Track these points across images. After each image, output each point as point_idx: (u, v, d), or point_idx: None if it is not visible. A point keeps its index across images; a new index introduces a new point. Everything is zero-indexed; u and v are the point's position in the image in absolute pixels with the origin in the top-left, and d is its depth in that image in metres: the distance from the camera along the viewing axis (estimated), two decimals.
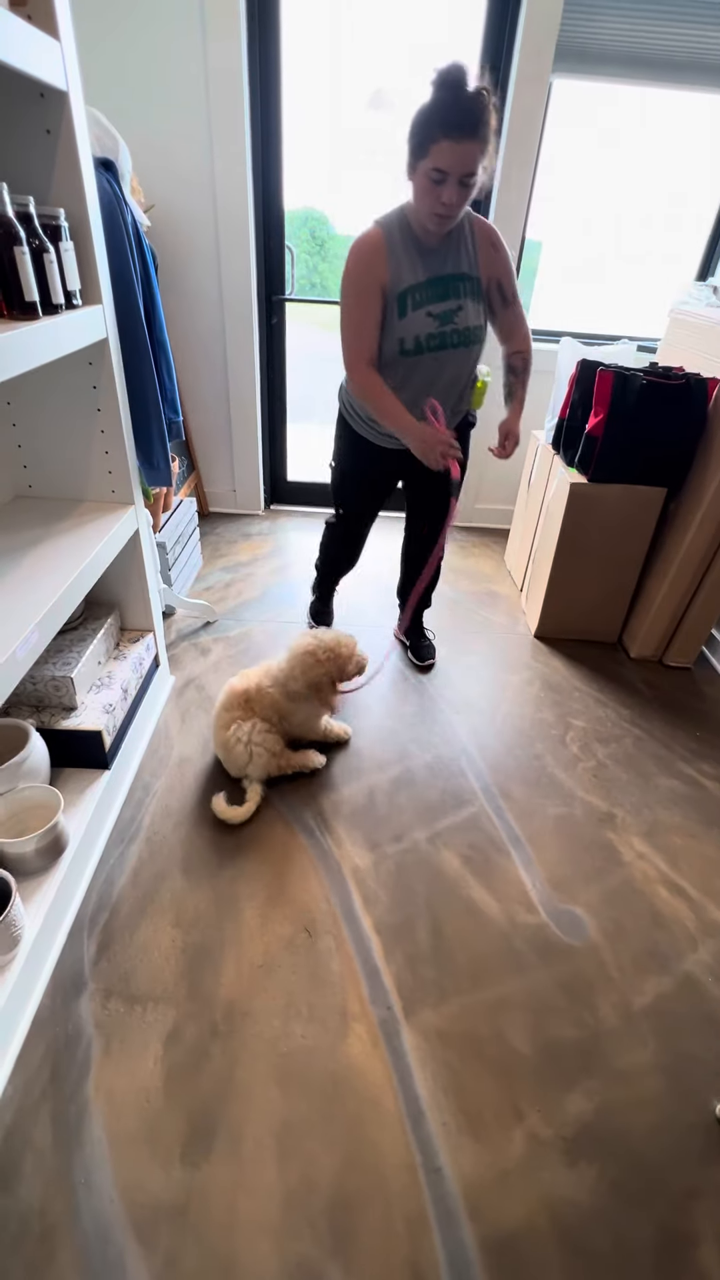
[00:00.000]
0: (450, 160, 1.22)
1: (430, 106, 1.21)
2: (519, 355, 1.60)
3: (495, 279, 1.49)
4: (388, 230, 1.39)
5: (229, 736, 1.52)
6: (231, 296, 2.51)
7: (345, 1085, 1.05)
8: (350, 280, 1.41)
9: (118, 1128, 0.98)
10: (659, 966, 1.26)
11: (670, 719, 1.93)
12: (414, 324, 1.44)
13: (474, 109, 1.19)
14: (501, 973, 1.23)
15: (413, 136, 1.26)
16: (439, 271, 1.42)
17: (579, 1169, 0.98)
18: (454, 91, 1.19)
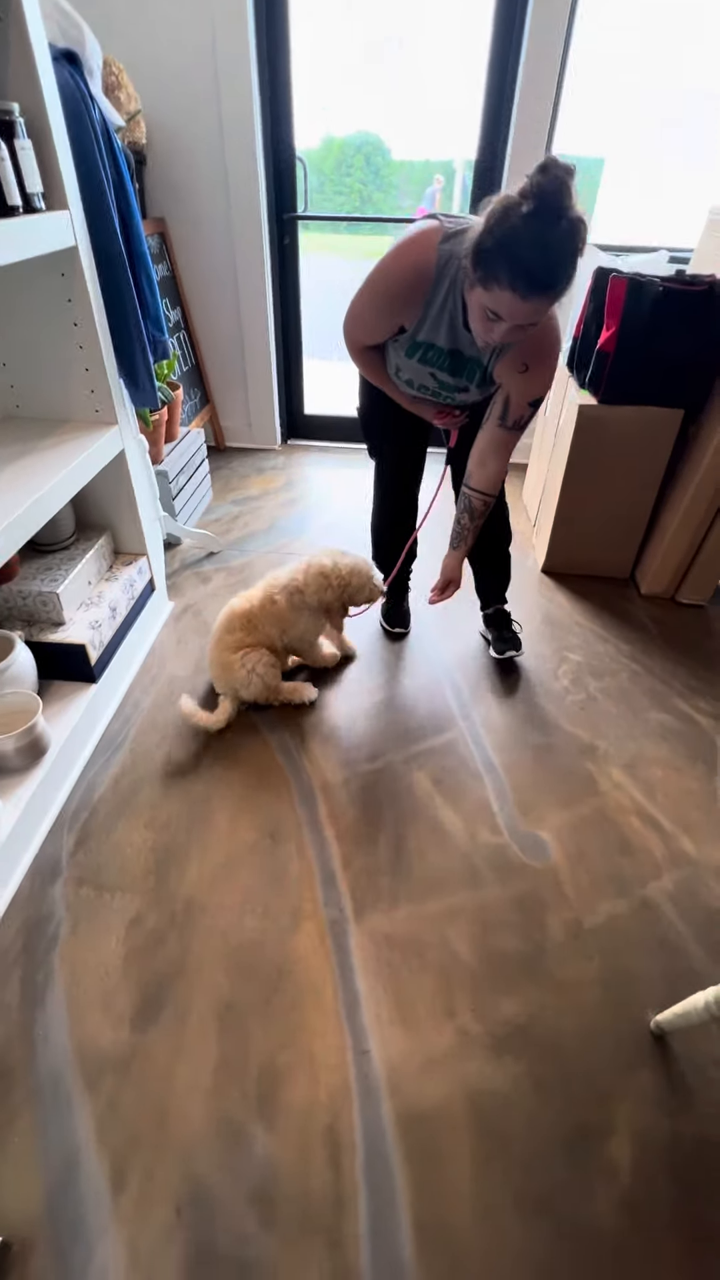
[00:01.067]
0: (509, 312, 1.01)
1: (507, 233, 0.94)
2: (480, 498, 1.40)
3: (506, 393, 1.27)
4: (441, 271, 1.12)
5: (233, 659, 1.54)
6: (243, 222, 2.42)
7: (288, 975, 1.11)
8: (379, 281, 1.18)
9: (77, 993, 1.07)
10: (617, 890, 1.26)
11: (674, 656, 1.85)
12: (416, 371, 1.31)
13: (560, 259, 0.95)
14: (456, 886, 1.25)
15: (479, 254, 0.98)
16: (461, 349, 1.23)
17: (503, 1063, 1.01)
18: (539, 232, 0.92)
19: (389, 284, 1.17)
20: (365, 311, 1.24)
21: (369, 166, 13.85)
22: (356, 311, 1.26)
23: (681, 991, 1.07)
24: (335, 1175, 0.89)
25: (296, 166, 2.45)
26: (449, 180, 10.91)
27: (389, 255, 1.16)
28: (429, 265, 1.12)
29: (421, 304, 1.17)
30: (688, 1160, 0.92)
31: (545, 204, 0.91)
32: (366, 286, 1.20)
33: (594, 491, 1.99)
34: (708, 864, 1.31)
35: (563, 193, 0.90)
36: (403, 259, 1.14)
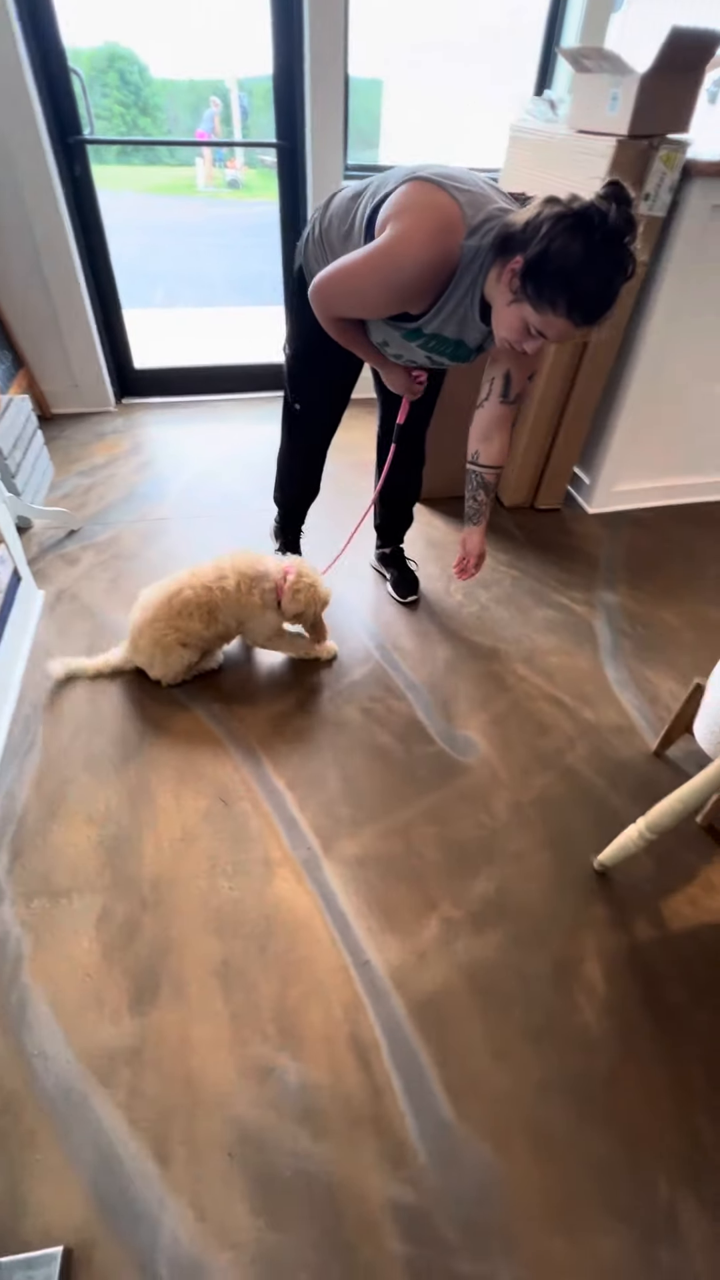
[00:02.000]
0: (558, 334, 1.00)
1: (571, 268, 0.91)
2: (492, 471, 1.40)
3: (506, 369, 1.26)
4: (463, 268, 1.05)
5: (179, 650, 1.46)
6: (19, 150, 2.10)
7: (276, 920, 1.14)
8: (390, 266, 1.05)
9: (63, 1002, 1.02)
10: (543, 766, 1.42)
11: (543, 557, 2.05)
12: (410, 350, 1.26)
13: (616, 292, 0.95)
14: (408, 798, 1.34)
15: (536, 277, 0.94)
16: (464, 337, 1.19)
17: (485, 934, 1.13)
18: (605, 270, 0.92)
19: (403, 275, 1.06)
20: (371, 291, 1.11)
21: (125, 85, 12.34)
22: (356, 288, 1.12)
23: (610, 833, 1.25)
24: (367, 1072, 0.97)
25: (72, 80, 2.17)
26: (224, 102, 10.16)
27: (403, 241, 1.03)
28: (453, 261, 1.04)
29: (436, 296, 1.10)
30: (644, 959, 1.11)
31: (618, 237, 0.90)
32: (376, 267, 1.07)
33: (449, 414, 2.07)
34: (606, 726, 1.52)
35: (633, 228, 0.91)
36: (427, 250, 1.03)
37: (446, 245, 1.03)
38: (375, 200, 1.11)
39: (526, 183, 1.98)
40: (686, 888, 1.22)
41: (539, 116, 2.14)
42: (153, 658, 1.48)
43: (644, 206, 1.65)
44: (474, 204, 1.03)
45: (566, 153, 1.77)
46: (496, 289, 1.04)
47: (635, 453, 2.18)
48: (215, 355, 3.16)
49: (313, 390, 1.54)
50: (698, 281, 1.82)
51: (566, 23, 2.45)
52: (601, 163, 1.61)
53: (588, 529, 2.20)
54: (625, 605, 1.87)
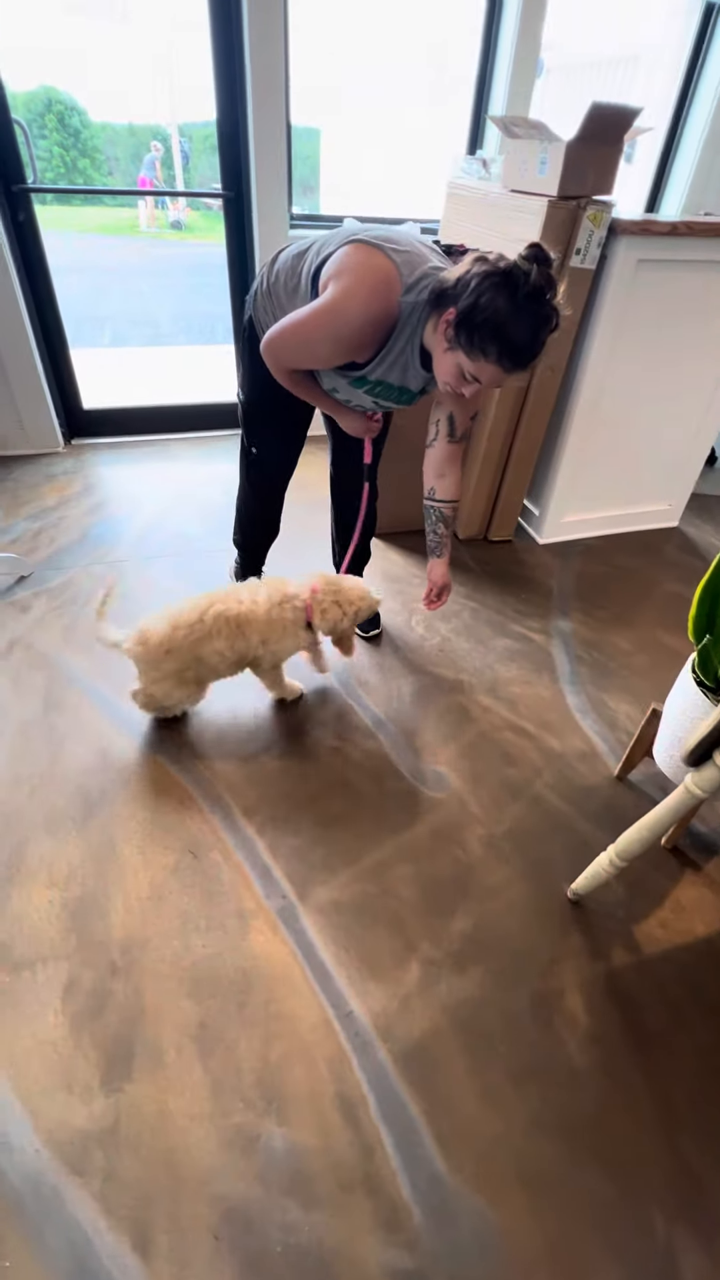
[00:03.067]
0: (490, 380, 1.09)
1: (500, 321, 1.00)
2: (449, 505, 1.46)
3: (449, 411, 1.35)
4: (402, 322, 1.13)
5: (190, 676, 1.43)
6: None
7: (254, 974, 1.10)
8: (337, 322, 1.12)
9: (28, 1084, 0.96)
10: (512, 796, 1.44)
11: (499, 588, 2.11)
12: (357, 396, 1.33)
13: (543, 340, 1.04)
14: (381, 838, 1.34)
15: (469, 327, 1.02)
16: (406, 383, 1.27)
17: (466, 973, 1.13)
18: (531, 324, 1.01)
19: (349, 329, 1.13)
20: (319, 345, 1.17)
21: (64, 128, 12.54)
22: (305, 341, 1.18)
23: (581, 860, 1.28)
24: (356, 1130, 0.94)
25: (15, 131, 2.18)
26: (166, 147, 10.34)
27: (350, 298, 1.10)
28: (393, 315, 1.13)
29: (379, 347, 1.18)
30: (622, 986, 1.13)
31: (540, 294, 1.00)
32: (319, 323, 1.14)
33: (402, 453, 2.13)
34: (571, 753, 1.56)
35: (550, 288, 1.00)
36: (368, 306, 1.11)
37: (386, 301, 1.11)
38: (319, 259, 1.18)
39: (465, 235, 2.09)
40: (657, 911, 1.24)
41: (473, 174, 2.26)
42: (166, 678, 1.41)
43: (575, 260, 1.77)
44: (409, 263, 1.12)
45: (502, 210, 1.88)
46: (434, 338, 1.13)
47: (580, 485, 2.28)
48: (164, 395, 3.17)
49: (268, 434, 1.57)
50: (628, 327, 1.94)
51: (494, 85, 2.62)
52: (535, 220, 1.71)
53: (539, 559, 2.28)
54: (579, 632, 1.94)
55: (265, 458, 1.61)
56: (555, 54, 2.98)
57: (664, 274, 1.87)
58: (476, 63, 2.59)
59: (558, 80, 2.90)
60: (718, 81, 2.81)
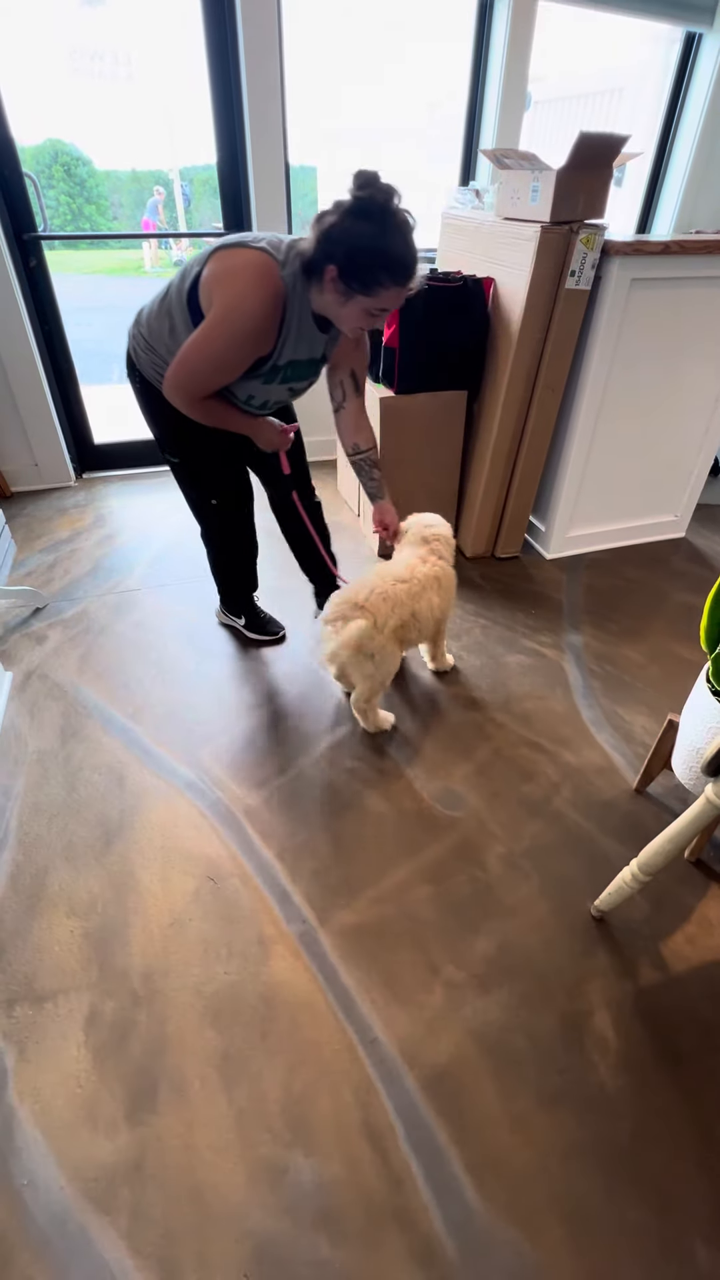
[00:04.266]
0: (395, 301, 1.18)
1: (376, 246, 1.09)
2: (374, 450, 1.57)
3: (350, 369, 1.45)
4: (290, 295, 1.19)
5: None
6: None
7: (276, 1001, 1.09)
8: (238, 321, 1.17)
9: (51, 1121, 0.95)
10: (530, 813, 1.43)
11: (509, 604, 2.11)
12: (273, 392, 1.37)
13: (413, 244, 1.12)
14: (399, 859, 1.33)
15: (354, 270, 1.11)
16: (314, 353, 1.34)
17: (491, 995, 1.11)
18: (400, 232, 1.09)
19: (253, 323, 1.18)
20: (227, 352, 1.21)
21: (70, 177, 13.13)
22: (211, 355, 1.20)
23: (603, 876, 1.26)
24: (384, 1161, 0.92)
25: (26, 183, 2.27)
26: (168, 191, 10.72)
27: (238, 296, 1.15)
28: (281, 295, 1.18)
29: (277, 330, 1.23)
30: (651, 1006, 1.10)
31: (390, 211, 1.08)
32: (223, 330, 1.17)
33: (408, 474, 2.16)
34: (588, 767, 1.54)
35: (393, 195, 1.08)
36: (259, 295, 1.16)
37: (272, 283, 1.17)
38: (188, 284, 1.22)
39: (461, 263, 2.14)
40: (684, 927, 1.22)
41: (466, 205, 2.33)
42: (388, 642, 1.43)
43: (570, 282, 1.80)
44: (274, 245, 1.18)
45: (496, 237, 1.93)
46: (324, 299, 1.20)
47: (585, 500, 2.29)
48: None
49: (219, 474, 1.57)
50: (625, 344, 1.97)
51: (484, 119, 2.71)
52: (529, 245, 1.75)
53: (547, 574, 2.29)
54: (591, 645, 1.94)
55: (226, 500, 1.62)
56: (542, 87, 3.07)
57: (658, 292, 1.91)
58: (466, 98, 2.68)
59: (545, 113, 2.99)
60: (702, 105, 2.89)
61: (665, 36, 2.86)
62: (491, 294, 1.96)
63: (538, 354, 1.93)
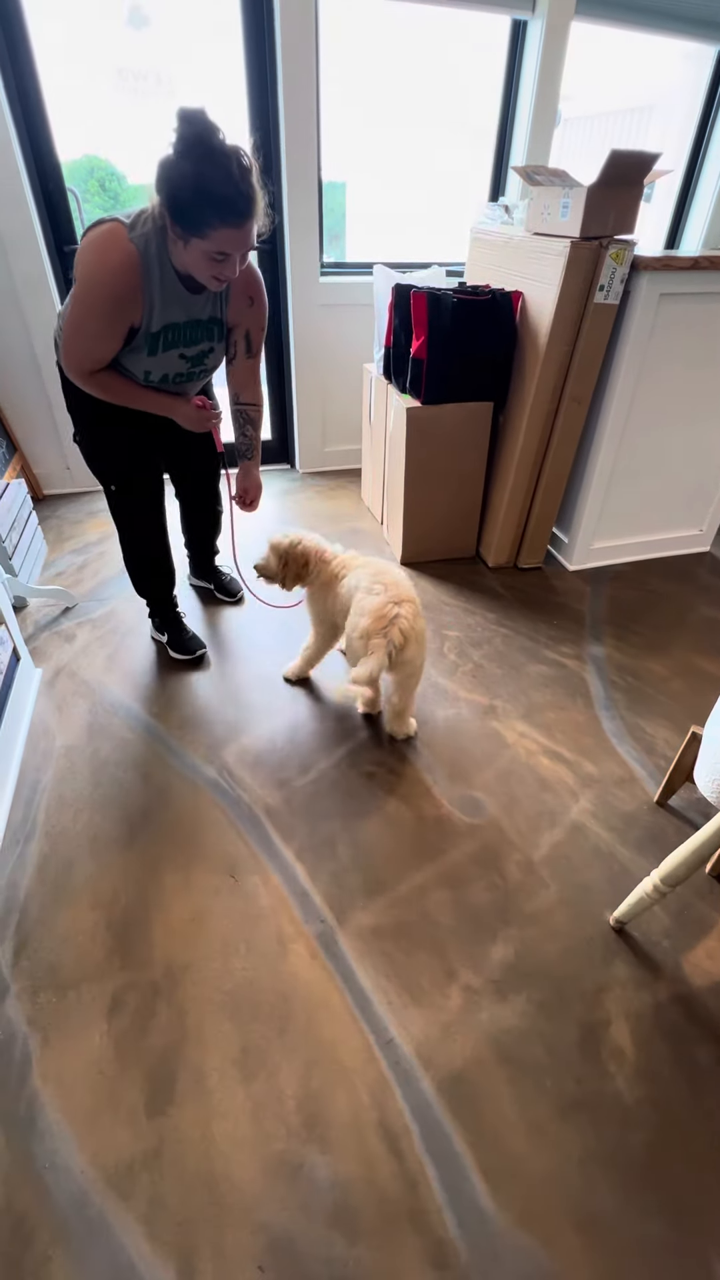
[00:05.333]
0: (234, 244, 1.13)
1: (196, 184, 1.05)
2: (254, 407, 1.57)
3: (245, 329, 1.43)
4: (145, 257, 1.18)
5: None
6: (16, 250, 2.26)
7: (294, 998, 1.10)
8: (95, 299, 1.19)
9: (73, 1106, 0.97)
10: (550, 822, 1.43)
11: (531, 614, 2.12)
12: (165, 363, 1.36)
13: (247, 184, 1.08)
14: (418, 863, 1.33)
15: (180, 212, 1.09)
16: (196, 315, 1.32)
17: (509, 1002, 1.11)
18: (221, 167, 1.04)
19: (106, 290, 1.19)
20: (91, 325, 1.23)
21: (105, 191, 13.71)
22: (80, 331, 1.24)
23: (623, 887, 1.26)
24: (399, 1162, 0.92)
25: (69, 199, 2.35)
26: None
27: (88, 266, 1.18)
28: (133, 257, 1.17)
29: (142, 295, 1.22)
30: (670, 1019, 1.09)
31: (209, 146, 1.04)
32: (81, 304, 1.21)
33: (433, 484, 2.19)
34: (608, 778, 1.54)
35: (214, 130, 1.04)
36: (106, 263, 1.17)
37: (117, 248, 1.16)
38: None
39: (489, 276, 2.17)
40: (704, 940, 1.21)
41: (495, 220, 2.36)
42: (420, 659, 1.44)
43: (599, 296, 1.82)
44: (128, 214, 1.18)
45: (526, 252, 1.96)
46: (177, 252, 1.18)
47: (609, 512, 2.29)
48: None
49: (117, 461, 1.54)
50: (653, 358, 1.98)
51: (515, 135, 2.74)
52: (559, 260, 1.77)
53: (570, 585, 2.29)
54: (613, 657, 1.93)
55: (127, 490, 1.59)
56: (571, 105, 3.11)
57: (687, 306, 1.91)
58: (497, 116, 2.72)
59: (574, 130, 3.03)
60: None
61: (696, 55, 2.88)
62: (520, 307, 1.98)
63: (565, 367, 1.95)
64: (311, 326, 2.74)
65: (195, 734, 1.62)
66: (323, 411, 2.98)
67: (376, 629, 1.34)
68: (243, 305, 1.37)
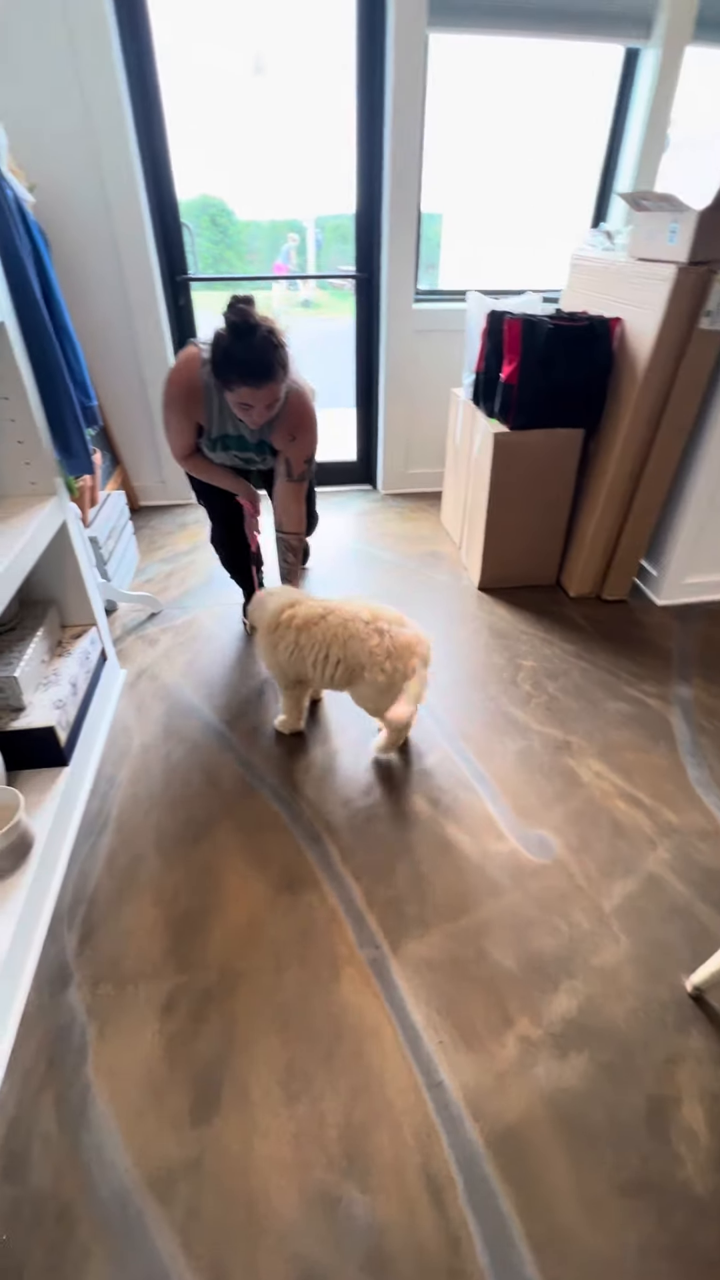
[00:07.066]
0: (252, 399, 1.41)
1: (225, 353, 1.35)
2: (295, 536, 1.73)
3: (287, 458, 1.63)
4: (206, 387, 1.50)
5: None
6: (133, 279, 2.44)
7: (343, 1024, 1.08)
8: (169, 401, 1.55)
9: (123, 1102, 0.99)
10: (624, 870, 1.34)
11: (612, 649, 2.02)
12: (225, 459, 1.68)
13: (264, 357, 1.34)
14: (480, 899, 1.29)
15: (216, 370, 1.38)
16: (240, 433, 1.59)
17: (569, 1060, 1.04)
18: (245, 341, 1.33)
19: (177, 402, 1.54)
20: (170, 421, 1.59)
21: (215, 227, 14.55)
22: (166, 425, 1.61)
23: (703, 950, 1.16)
24: (441, 1215, 0.88)
25: (184, 233, 2.52)
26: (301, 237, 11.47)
27: (170, 381, 1.53)
28: (198, 382, 1.51)
29: (204, 409, 1.55)
30: None
31: (239, 328, 1.33)
32: (164, 406, 1.57)
33: (516, 510, 2.15)
34: (691, 829, 1.43)
35: (247, 316, 1.33)
36: (178, 381, 1.52)
37: (190, 373, 1.50)
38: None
39: (588, 303, 2.13)
40: None
41: (598, 246, 2.32)
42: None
43: (704, 322, 1.74)
44: (208, 343, 1.42)
45: (628, 278, 1.91)
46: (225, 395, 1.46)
47: (705, 546, 2.17)
48: None
49: (200, 494, 1.87)
50: None
51: (621, 161, 2.70)
52: (663, 285, 1.72)
53: (657, 620, 2.17)
54: (702, 700, 1.81)
55: (210, 511, 1.91)
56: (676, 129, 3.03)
57: None
58: (605, 142, 2.69)
59: (686, 150, 2.95)
60: None
61: None
62: (618, 334, 1.93)
63: (664, 395, 1.87)
64: (403, 351, 2.78)
65: (262, 744, 1.65)
66: (408, 434, 3.01)
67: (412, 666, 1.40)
68: (285, 439, 1.59)
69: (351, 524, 2.84)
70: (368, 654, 1.40)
